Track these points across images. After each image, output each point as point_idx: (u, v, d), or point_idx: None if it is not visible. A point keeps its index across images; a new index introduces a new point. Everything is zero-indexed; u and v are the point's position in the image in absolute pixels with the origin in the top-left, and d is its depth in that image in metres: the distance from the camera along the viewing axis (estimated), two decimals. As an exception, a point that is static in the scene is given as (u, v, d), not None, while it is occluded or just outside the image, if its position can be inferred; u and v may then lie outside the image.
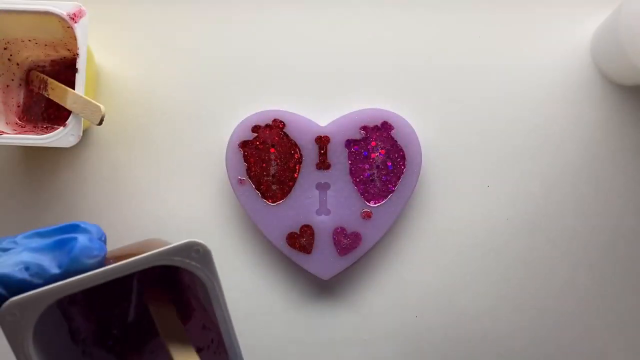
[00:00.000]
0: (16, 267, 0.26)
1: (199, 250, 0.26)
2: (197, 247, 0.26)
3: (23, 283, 0.25)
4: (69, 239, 0.27)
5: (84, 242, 0.27)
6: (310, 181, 0.44)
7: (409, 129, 0.44)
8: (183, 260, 0.26)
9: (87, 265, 0.26)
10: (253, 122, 0.44)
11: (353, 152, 0.44)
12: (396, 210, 0.44)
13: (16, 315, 0.24)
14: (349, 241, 0.44)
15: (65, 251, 0.27)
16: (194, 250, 0.26)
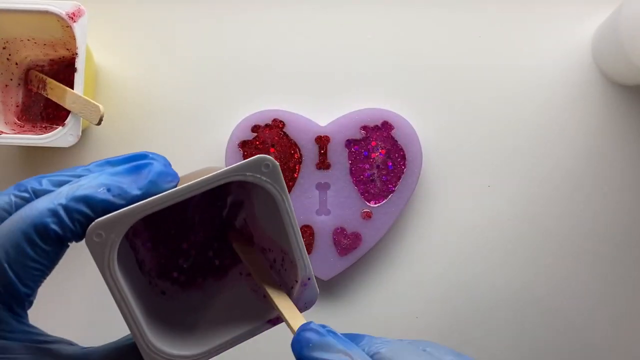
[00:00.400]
0: (98, 189, 0.26)
1: (269, 165, 0.27)
2: (266, 162, 0.27)
3: (106, 203, 0.25)
4: (144, 164, 0.27)
5: (160, 167, 0.27)
6: (310, 181, 0.44)
7: (409, 129, 0.44)
8: (254, 176, 0.26)
9: (164, 189, 0.26)
10: (253, 122, 0.44)
11: (353, 152, 0.44)
12: (396, 210, 0.44)
13: (102, 236, 0.25)
14: (349, 241, 0.44)
15: (143, 175, 0.27)
16: (263, 165, 0.27)
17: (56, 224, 0.25)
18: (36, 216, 0.25)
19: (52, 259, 0.26)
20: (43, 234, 0.25)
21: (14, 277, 0.25)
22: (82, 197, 0.25)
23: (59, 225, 0.25)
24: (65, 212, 0.25)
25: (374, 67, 0.46)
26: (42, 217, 0.25)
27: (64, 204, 0.25)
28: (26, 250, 0.25)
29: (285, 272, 0.30)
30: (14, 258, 0.25)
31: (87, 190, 0.26)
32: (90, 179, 0.26)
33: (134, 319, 0.26)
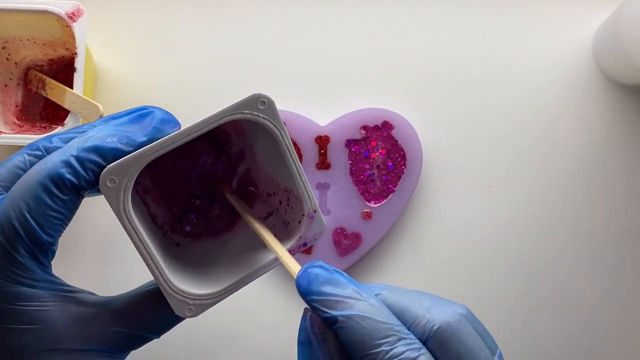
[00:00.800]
0: (107, 139, 0.27)
1: (265, 101, 0.27)
2: (262, 99, 0.27)
3: (115, 151, 0.27)
4: (147, 112, 0.29)
5: (163, 114, 0.29)
6: (310, 181, 0.44)
7: (409, 129, 0.44)
8: (252, 113, 0.27)
9: (168, 134, 0.28)
10: None
11: (353, 152, 0.44)
12: (396, 211, 0.44)
13: (115, 181, 0.26)
14: (349, 241, 0.44)
15: (147, 123, 0.29)
16: (259, 102, 0.27)
17: (71, 174, 0.26)
18: (51, 168, 0.26)
19: (70, 208, 0.27)
20: (59, 184, 0.26)
21: (36, 226, 0.26)
22: (92, 148, 0.27)
23: (73, 175, 0.26)
24: (78, 162, 0.26)
25: (374, 67, 0.46)
26: (57, 168, 0.26)
27: (76, 154, 0.27)
28: (45, 200, 0.26)
29: (292, 210, 0.30)
30: (35, 209, 0.26)
31: (96, 141, 0.27)
32: (98, 131, 0.28)
33: (154, 259, 0.26)
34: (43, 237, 0.27)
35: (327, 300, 0.25)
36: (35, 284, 0.27)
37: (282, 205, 0.31)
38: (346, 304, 0.24)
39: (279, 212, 0.31)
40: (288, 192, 0.30)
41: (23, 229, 0.26)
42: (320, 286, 0.25)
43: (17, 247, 0.26)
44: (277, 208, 0.31)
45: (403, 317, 0.24)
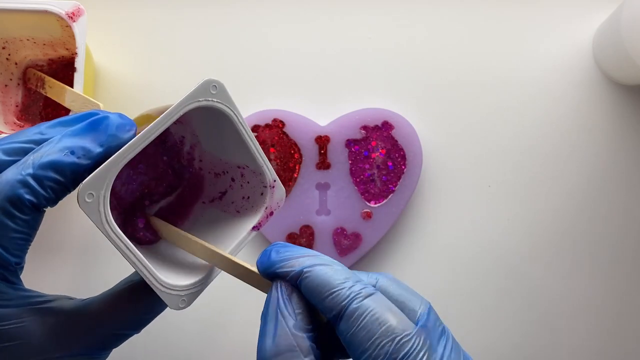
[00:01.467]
0: (62, 153, 0.27)
1: (216, 86, 0.28)
2: (214, 84, 0.28)
3: (74, 166, 0.27)
4: (100, 119, 0.28)
5: (117, 119, 0.28)
6: (310, 181, 0.44)
7: (409, 129, 0.44)
8: (206, 100, 0.28)
9: (124, 139, 0.27)
10: (253, 121, 0.44)
11: (353, 152, 0.44)
12: (396, 211, 0.44)
13: (93, 195, 0.26)
14: (349, 241, 0.44)
15: (101, 130, 0.28)
16: (211, 87, 0.28)
17: (29, 193, 0.26)
18: (9, 190, 0.26)
19: (32, 226, 0.28)
20: (18, 205, 0.26)
21: (2, 250, 0.26)
22: (49, 164, 0.26)
23: (32, 195, 0.26)
24: (35, 181, 0.26)
25: (374, 67, 0.46)
26: (14, 189, 0.26)
27: (33, 173, 0.26)
28: (6, 222, 0.26)
29: (249, 184, 0.31)
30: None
31: (53, 156, 0.26)
32: (53, 145, 0.27)
33: (143, 263, 0.27)
34: (10, 259, 0.27)
35: (290, 260, 0.27)
36: (8, 303, 0.27)
37: (236, 182, 0.31)
38: (307, 259, 0.27)
39: (234, 189, 0.32)
40: (242, 168, 0.31)
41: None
42: (280, 254, 0.28)
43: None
44: (231, 185, 0.32)
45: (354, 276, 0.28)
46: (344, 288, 0.26)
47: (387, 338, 0.26)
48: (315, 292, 0.27)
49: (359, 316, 0.26)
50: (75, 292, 0.46)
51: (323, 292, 0.26)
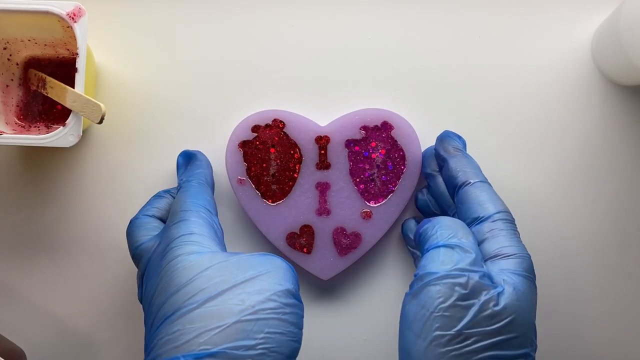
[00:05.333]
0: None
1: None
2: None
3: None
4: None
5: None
6: (310, 181, 0.44)
7: (409, 129, 0.44)
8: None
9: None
10: (253, 122, 0.44)
11: (353, 152, 0.44)
12: (396, 210, 0.44)
13: None
14: (349, 241, 0.44)
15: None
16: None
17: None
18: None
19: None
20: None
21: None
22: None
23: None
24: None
25: (373, 67, 0.46)
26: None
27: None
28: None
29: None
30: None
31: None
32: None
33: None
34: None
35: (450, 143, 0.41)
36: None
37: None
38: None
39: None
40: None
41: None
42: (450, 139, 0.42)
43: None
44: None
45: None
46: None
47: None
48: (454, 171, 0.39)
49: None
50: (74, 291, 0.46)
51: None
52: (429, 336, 0.32)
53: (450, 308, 0.32)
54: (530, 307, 0.34)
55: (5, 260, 0.46)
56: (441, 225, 0.36)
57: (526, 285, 0.35)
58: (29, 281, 0.46)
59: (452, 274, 0.33)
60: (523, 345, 0.33)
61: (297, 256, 0.44)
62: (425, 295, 0.33)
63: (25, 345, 0.45)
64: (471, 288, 0.33)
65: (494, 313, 0.33)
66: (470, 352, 0.32)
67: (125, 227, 0.41)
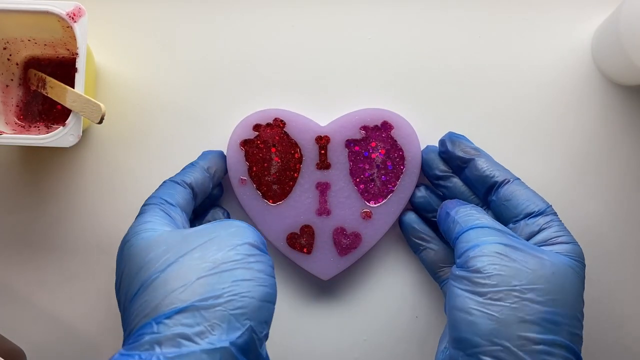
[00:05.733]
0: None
1: None
2: None
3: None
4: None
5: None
6: (310, 181, 0.44)
7: (409, 129, 0.44)
8: None
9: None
10: (254, 120, 0.44)
11: (353, 152, 0.44)
12: (396, 210, 0.44)
13: None
14: (349, 241, 0.44)
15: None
16: None
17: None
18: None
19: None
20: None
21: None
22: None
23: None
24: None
25: (374, 67, 0.46)
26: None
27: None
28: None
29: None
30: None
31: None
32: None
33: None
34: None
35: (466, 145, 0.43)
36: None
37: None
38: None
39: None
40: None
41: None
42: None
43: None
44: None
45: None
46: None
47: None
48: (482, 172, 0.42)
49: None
50: (74, 291, 0.46)
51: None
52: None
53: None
54: (575, 293, 0.35)
55: (5, 260, 0.46)
56: (469, 209, 0.40)
57: (578, 267, 0.36)
58: (29, 281, 0.46)
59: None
60: (563, 326, 0.34)
61: (297, 256, 0.44)
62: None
63: (25, 345, 0.45)
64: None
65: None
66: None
67: (125, 226, 0.40)
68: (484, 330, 0.33)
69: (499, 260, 0.35)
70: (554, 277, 0.35)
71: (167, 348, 0.30)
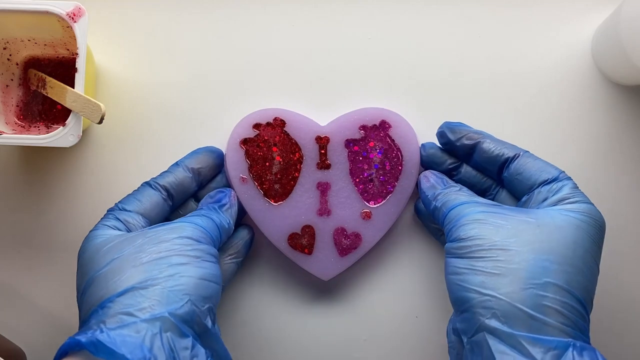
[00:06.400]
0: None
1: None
2: None
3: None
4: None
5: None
6: (311, 181, 0.44)
7: (407, 127, 0.44)
8: None
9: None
10: (254, 119, 0.44)
11: (353, 152, 0.44)
12: (396, 211, 0.44)
13: None
14: (349, 242, 0.44)
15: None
16: None
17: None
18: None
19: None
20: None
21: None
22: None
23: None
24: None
25: (374, 67, 0.46)
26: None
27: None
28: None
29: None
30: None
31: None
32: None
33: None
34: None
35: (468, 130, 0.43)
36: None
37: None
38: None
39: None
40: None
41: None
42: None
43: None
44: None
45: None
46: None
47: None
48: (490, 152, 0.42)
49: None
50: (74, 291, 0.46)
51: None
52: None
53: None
54: (574, 246, 0.35)
55: (5, 260, 0.46)
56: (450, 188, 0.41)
57: (582, 222, 0.36)
58: (29, 281, 0.46)
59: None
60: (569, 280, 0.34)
61: (298, 257, 0.44)
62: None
63: (25, 345, 0.45)
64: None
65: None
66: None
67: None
68: (473, 284, 0.35)
69: (479, 225, 0.36)
70: (540, 229, 0.35)
71: (111, 325, 0.32)
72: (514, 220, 0.36)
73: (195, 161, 0.43)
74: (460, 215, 0.38)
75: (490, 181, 0.43)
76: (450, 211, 0.39)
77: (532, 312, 0.33)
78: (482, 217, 0.37)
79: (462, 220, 0.37)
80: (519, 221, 0.36)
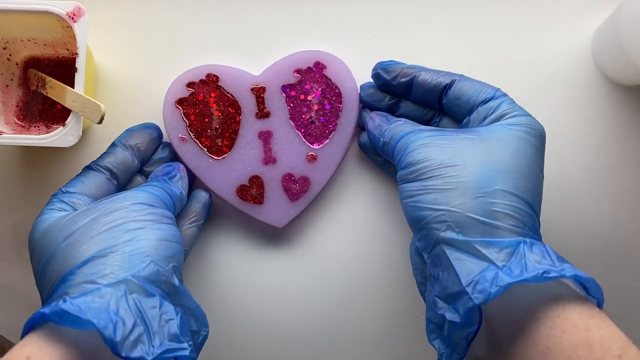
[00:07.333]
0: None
1: None
2: None
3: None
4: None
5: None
6: (252, 132, 0.44)
7: (341, 66, 0.44)
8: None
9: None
10: (187, 79, 0.44)
11: (290, 97, 0.44)
12: (340, 149, 0.44)
13: None
14: (298, 186, 0.44)
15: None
16: None
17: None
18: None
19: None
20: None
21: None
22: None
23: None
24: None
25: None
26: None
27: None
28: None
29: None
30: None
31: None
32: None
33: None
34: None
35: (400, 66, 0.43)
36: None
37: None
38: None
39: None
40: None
41: None
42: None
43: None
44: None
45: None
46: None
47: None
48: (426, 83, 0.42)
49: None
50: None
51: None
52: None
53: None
54: (516, 155, 0.36)
55: (5, 260, 0.46)
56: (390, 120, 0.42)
57: (523, 133, 0.37)
58: (29, 281, 0.46)
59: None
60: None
61: (249, 208, 0.44)
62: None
63: (25, 345, 0.45)
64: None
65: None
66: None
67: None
68: (426, 202, 0.36)
69: (425, 148, 0.37)
70: (484, 144, 0.36)
71: (74, 294, 0.32)
72: (457, 139, 0.37)
73: (131, 138, 0.43)
74: (407, 144, 0.38)
75: (432, 111, 0.43)
76: (397, 143, 0.39)
77: (484, 218, 0.34)
78: (428, 141, 0.37)
79: (409, 147, 0.38)
80: (462, 139, 0.37)
